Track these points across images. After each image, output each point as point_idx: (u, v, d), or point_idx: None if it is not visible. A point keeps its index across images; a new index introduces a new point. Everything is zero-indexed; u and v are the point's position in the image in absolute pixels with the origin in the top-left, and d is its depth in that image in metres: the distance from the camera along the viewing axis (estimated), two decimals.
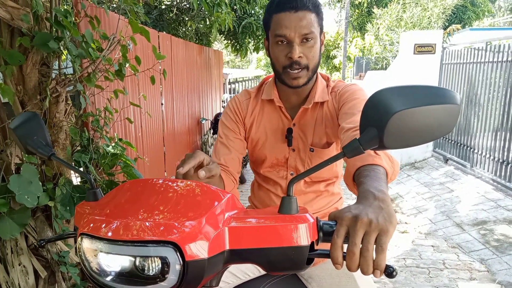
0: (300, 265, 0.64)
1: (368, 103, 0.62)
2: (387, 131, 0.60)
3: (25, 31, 1.70)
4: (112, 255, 0.59)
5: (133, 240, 0.57)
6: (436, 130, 0.63)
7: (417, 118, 0.60)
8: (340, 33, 17.40)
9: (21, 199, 1.55)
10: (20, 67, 1.78)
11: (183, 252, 0.57)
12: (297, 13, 1.05)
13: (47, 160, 1.07)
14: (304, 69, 1.10)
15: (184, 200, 0.65)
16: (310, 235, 0.63)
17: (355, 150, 0.64)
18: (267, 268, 0.66)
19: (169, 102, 5.08)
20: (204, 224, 0.59)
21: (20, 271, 1.84)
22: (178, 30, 6.78)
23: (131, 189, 0.70)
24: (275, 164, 1.27)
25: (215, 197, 0.66)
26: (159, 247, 0.57)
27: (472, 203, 4.31)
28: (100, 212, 0.63)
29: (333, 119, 1.19)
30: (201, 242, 0.59)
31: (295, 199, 0.65)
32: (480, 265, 3.18)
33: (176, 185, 0.71)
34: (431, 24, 8.85)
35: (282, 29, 1.06)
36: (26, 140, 0.87)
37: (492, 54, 4.90)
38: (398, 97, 0.60)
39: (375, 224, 0.60)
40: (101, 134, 2.28)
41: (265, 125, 1.26)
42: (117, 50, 2.15)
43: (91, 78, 1.95)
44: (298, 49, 1.06)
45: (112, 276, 0.60)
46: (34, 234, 1.90)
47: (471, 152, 5.28)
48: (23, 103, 1.83)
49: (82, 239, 0.62)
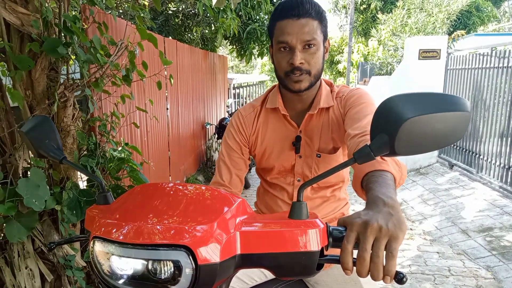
0: (310, 270, 0.64)
1: (379, 110, 0.63)
2: (399, 137, 0.60)
3: (34, 36, 1.72)
4: (125, 258, 0.59)
5: (145, 244, 0.58)
6: (447, 137, 0.63)
7: (428, 125, 0.60)
8: (345, 38, 17.43)
9: (29, 203, 1.56)
10: (29, 72, 1.81)
11: (195, 256, 0.57)
12: (299, 20, 1.06)
13: (59, 164, 1.08)
14: (305, 74, 1.10)
15: (195, 204, 0.66)
16: (320, 240, 0.63)
17: (365, 156, 0.64)
18: (277, 273, 0.66)
19: (174, 107, 5.11)
20: (216, 228, 0.60)
21: (26, 275, 1.85)
22: (183, 36, 6.83)
23: (143, 193, 0.70)
24: (282, 171, 1.27)
25: (226, 201, 0.67)
26: (172, 250, 0.57)
27: (478, 210, 4.28)
28: (112, 216, 0.64)
29: (339, 124, 1.19)
30: (213, 246, 0.59)
31: (305, 204, 0.66)
32: (486, 272, 3.15)
33: (187, 189, 0.72)
34: (435, 29, 8.84)
35: (285, 36, 1.07)
36: (38, 143, 0.88)
37: (497, 60, 4.89)
38: (409, 104, 0.60)
39: (385, 230, 0.61)
40: (107, 139, 2.30)
41: (271, 135, 1.26)
42: (125, 55, 2.17)
43: (99, 83, 1.96)
44: (299, 55, 1.08)
45: (124, 279, 0.61)
46: (41, 237, 1.92)
47: (477, 158, 5.25)
48: (32, 107, 1.85)
49: (94, 242, 0.62)
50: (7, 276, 1.84)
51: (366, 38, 15.10)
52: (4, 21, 1.65)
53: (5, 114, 1.82)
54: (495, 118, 4.93)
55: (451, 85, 6.06)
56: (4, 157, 1.79)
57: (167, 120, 4.81)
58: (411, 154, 0.64)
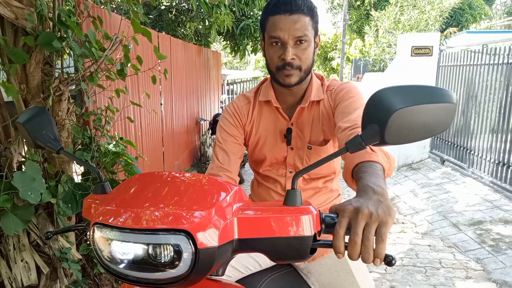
0: (304, 255, 0.67)
1: (369, 102, 0.66)
2: (388, 128, 0.64)
3: (29, 30, 1.73)
4: (126, 243, 0.61)
5: (146, 229, 0.60)
6: (434, 128, 0.67)
7: (416, 116, 0.64)
8: (339, 35, 17.47)
9: (24, 195, 1.57)
10: (23, 66, 1.81)
11: (195, 240, 0.60)
12: (291, 16, 1.08)
13: (57, 154, 1.09)
14: (296, 69, 1.13)
15: (193, 191, 0.68)
16: (314, 226, 0.66)
17: (357, 145, 0.67)
18: (273, 257, 0.69)
19: (168, 102, 5.11)
20: (214, 214, 0.62)
21: (22, 267, 1.86)
22: (177, 31, 6.81)
23: (141, 181, 0.72)
24: (274, 163, 1.30)
25: (223, 188, 0.69)
26: (172, 235, 0.59)
27: (468, 204, 4.35)
28: (112, 203, 0.66)
29: (329, 117, 1.22)
30: (212, 231, 0.61)
31: (299, 192, 0.69)
32: (476, 264, 3.22)
33: (184, 177, 0.74)
34: (428, 26, 8.91)
35: (277, 31, 1.10)
36: (35, 134, 0.89)
37: (488, 57, 4.95)
38: (399, 96, 0.64)
39: (375, 216, 0.64)
40: (102, 133, 2.31)
41: (264, 126, 1.28)
42: (119, 50, 2.17)
43: (94, 77, 1.97)
44: (291, 51, 1.10)
45: (125, 263, 0.63)
46: (36, 230, 1.93)
47: (468, 153, 5.32)
48: (26, 101, 1.86)
49: (95, 229, 0.64)
50: (3, 269, 1.85)
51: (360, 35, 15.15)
52: None
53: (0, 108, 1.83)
54: (486, 114, 5.00)
55: (443, 82, 6.13)
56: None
57: (161, 115, 4.81)
58: (401, 143, 0.67)
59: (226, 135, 1.26)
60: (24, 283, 1.86)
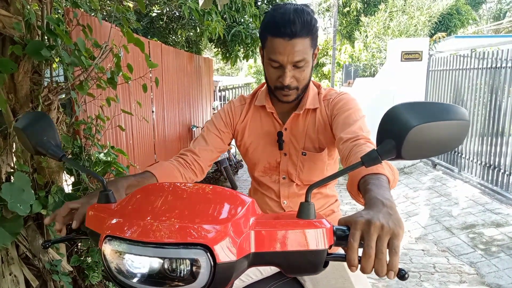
0: (318, 268, 0.67)
1: (385, 117, 0.68)
2: (406, 143, 0.65)
3: (17, 39, 1.70)
4: (140, 257, 0.59)
5: (163, 242, 0.58)
6: (448, 144, 0.68)
7: (432, 132, 0.65)
8: (329, 41, 17.60)
9: (13, 207, 1.54)
10: (11, 75, 1.78)
11: (213, 254, 0.58)
12: (291, 41, 1.07)
13: (58, 161, 1.06)
14: (294, 90, 1.16)
15: (208, 204, 0.67)
16: (327, 239, 0.66)
17: (373, 160, 0.68)
18: (287, 270, 0.68)
19: (160, 110, 5.08)
20: (232, 227, 0.61)
21: (10, 281, 1.81)
22: (168, 38, 6.80)
23: (150, 193, 0.71)
24: (268, 169, 1.31)
25: (238, 201, 0.69)
26: (190, 249, 0.58)
27: (460, 207, 4.38)
28: (124, 215, 0.64)
29: (326, 126, 1.24)
30: (230, 245, 0.60)
31: (313, 205, 0.69)
32: (469, 268, 3.23)
33: (195, 188, 0.73)
34: (417, 31, 9.02)
35: (276, 55, 1.10)
36: (35, 140, 0.86)
37: (477, 61, 5.02)
38: (415, 113, 0.65)
39: (387, 228, 0.63)
40: (92, 142, 2.28)
41: (257, 129, 1.30)
42: (110, 58, 2.15)
43: (84, 86, 1.95)
44: (289, 74, 1.11)
45: (139, 277, 0.61)
46: (25, 243, 1.88)
47: (459, 157, 5.37)
48: (15, 111, 1.82)
49: (107, 241, 0.62)
50: None
51: (350, 41, 15.29)
52: None
53: None
54: (475, 118, 5.06)
55: (433, 86, 6.19)
56: None
57: (152, 123, 4.78)
58: (416, 158, 0.69)
59: (213, 127, 1.30)
60: None
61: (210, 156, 1.28)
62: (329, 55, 16.49)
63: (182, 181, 1.19)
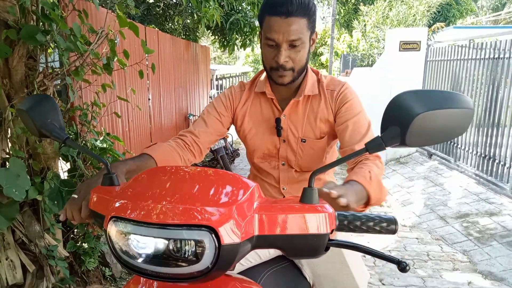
0: (319, 252, 0.69)
1: (390, 105, 0.68)
2: (410, 130, 0.66)
3: (11, 23, 1.68)
4: (146, 238, 0.60)
5: (169, 224, 0.59)
6: (452, 132, 0.69)
7: (436, 120, 0.66)
8: (327, 30, 17.47)
9: (8, 192, 1.54)
10: (6, 60, 1.77)
11: (218, 236, 0.59)
12: (287, 19, 1.08)
13: (62, 144, 1.05)
14: (289, 71, 1.16)
15: (213, 186, 0.68)
16: (329, 224, 0.68)
17: (378, 146, 0.69)
18: (290, 253, 0.71)
19: (156, 98, 5.06)
20: (237, 210, 0.62)
21: (7, 266, 1.83)
22: (165, 25, 6.73)
23: (155, 175, 0.71)
24: (267, 155, 1.32)
25: (243, 185, 0.70)
26: (195, 230, 0.59)
27: (455, 197, 4.42)
28: (129, 196, 0.64)
29: (329, 116, 1.25)
30: (235, 227, 0.61)
31: (316, 190, 0.70)
32: (462, 256, 3.27)
33: (200, 172, 0.74)
34: (416, 21, 8.98)
35: (272, 33, 1.11)
36: (40, 123, 0.86)
37: (475, 52, 5.01)
38: (420, 100, 0.66)
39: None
40: (88, 129, 2.27)
41: (257, 115, 1.31)
42: (105, 44, 2.13)
43: (79, 72, 1.94)
44: (284, 53, 1.12)
45: (144, 258, 0.62)
46: (21, 228, 1.89)
47: (455, 147, 5.40)
48: (10, 96, 1.82)
49: (112, 222, 0.63)
50: None
51: (348, 30, 15.19)
52: None
53: None
54: None
55: (431, 76, 6.19)
56: None
57: (149, 111, 4.76)
58: (420, 145, 0.70)
59: (213, 110, 1.31)
60: (9, 282, 1.83)
61: (209, 139, 1.29)
62: (327, 45, 16.39)
63: (181, 162, 1.20)
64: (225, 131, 1.35)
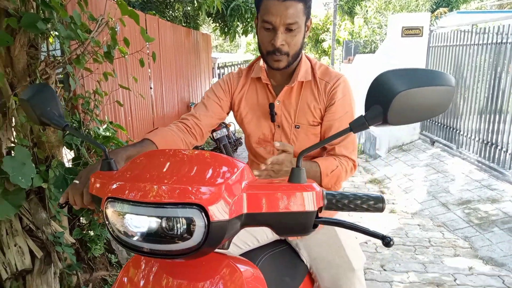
0: (307, 229, 0.72)
1: (373, 84, 0.69)
2: (391, 109, 0.67)
3: (11, 11, 1.68)
4: (140, 217, 0.64)
5: (161, 202, 0.62)
6: (434, 109, 0.70)
7: (418, 98, 0.67)
8: (329, 16, 17.29)
9: (15, 180, 1.56)
10: (7, 49, 1.77)
11: (207, 213, 0.62)
12: (285, 2, 1.09)
13: (62, 131, 1.08)
14: (284, 55, 1.17)
15: (204, 168, 0.71)
16: (317, 202, 0.71)
17: (361, 125, 0.71)
18: (279, 231, 0.73)
19: (158, 86, 5.05)
20: (226, 189, 0.65)
21: (16, 252, 1.86)
22: (165, 13, 6.68)
23: (151, 158, 0.74)
24: (262, 140, 1.34)
25: (232, 165, 0.72)
26: (185, 208, 0.62)
27: (457, 184, 4.43)
28: (125, 178, 0.67)
29: (320, 106, 1.26)
30: (223, 205, 0.64)
31: (304, 170, 0.73)
32: (464, 242, 3.30)
33: (194, 154, 0.77)
34: (419, 7, 8.87)
35: (269, 16, 1.12)
36: (40, 111, 0.88)
37: (478, 37, 4.96)
38: (402, 78, 0.67)
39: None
40: (91, 117, 2.28)
41: (253, 101, 1.33)
42: (106, 32, 2.13)
43: (80, 60, 1.94)
44: (281, 37, 1.13)
45: (139, 236, 0.65)
46: (28, 215, 1.92)
47: (457, 134, 5.39)
48: (12, 85, 1.82)
49: (108, 203, 0.66)
50: None
51: (351, 16, 15.03)
52: None
53: None
54: (475, 95, 5.04)
55: (433, 62, 6.14)
56: None
57: (151, 99, 4.77)
58: (402, 124, 0.71)
59: (213, 95, 1.35)
60: (18, 268, 1.87)
61: (210, 122, 1.32)
62: (330, 31, 16.24)
63: (182, 146, 1.23)
64: (225, 115, 1.38)
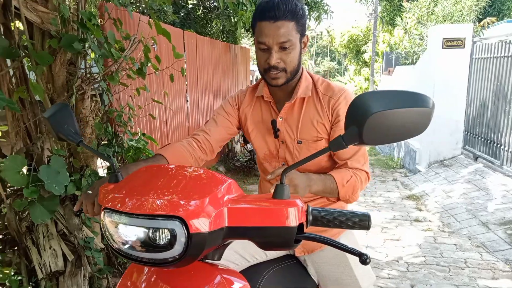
0: (289, 244, 0.75)
1: (351, 105, 0.72)
2: (366, 129, 0.69)
3: (53, 33, 1.84)
4: (130, 227, 0.71)
5: (146, 214, 0.69)
6: (409, 130, 0.72)
7: (392, 119, 0.69)
8: (371, 28, 17.03)
9: (49, 187, 1.70)
10: (49, 66, 1.94)
11: (188, 226, 0.68)
12: (275, 23, 1.13)
13: (76, 146, 1.21)
14: (282, 72, 1.20)
15: (191, 183, 0.76)
16: (299, 217, 0.74)
17: (339, 145, 0.74)
18: (261, 245, 0.77)
19: (194, 99, 5.22)
20: (207, 204, 0.71)
21: (50, 254, 2.00)
22: (206, 28, 6.92)
23: (147, 173, 0.82)
24: (268, 156, 1.37)
25: (218, 181, 0.77)
26: (168, 220, 0.68)
27: (500, 202, 4.18)
28: (120, 192, 0.75)
29: (324, 121, 1.27)
30: (204, 218, 0.70)
31: (287, 187, 0.76)
32: (504, 265, 3.10)
33: (186, 170, 0.83)
34: (463, 16, 8.54)
35: (262, 37, 1.17)
36: (57, 128, 0.99)
37: None
38: (376, 100, 0.69)
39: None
40: (125, 129, 2.42)
41: (258, 118, 1.37)
42: (140, 49, 2.27)
43: (114, 77, 2.08)
44: (275, 55, 1.17)
45: (129, 244, 0.72)
46: (63, 221, 2.07)
47: (501, 149, 5.10)
48: (52, 100, 1.99)
49: (105, 213, 0.74)
50: (34, 255, 2.00)
51: (393, 27, 14.71)
52: (26, 20, 1.78)
53: (31, 106, 1.96)
54: None
55: (476, 75, 5.87)
56: (28, 145, 1.93)
57: (187, 112, 4.93)
58: (378, 144, 0.74)
59: (222, 111, 1.40)
60: (52, 269, 2.00)
61: (220, 136, 1.37)
62: (371, 42, 15.99)
63: (191, 160, 1.28)
64: (235, 130, 1.42)
